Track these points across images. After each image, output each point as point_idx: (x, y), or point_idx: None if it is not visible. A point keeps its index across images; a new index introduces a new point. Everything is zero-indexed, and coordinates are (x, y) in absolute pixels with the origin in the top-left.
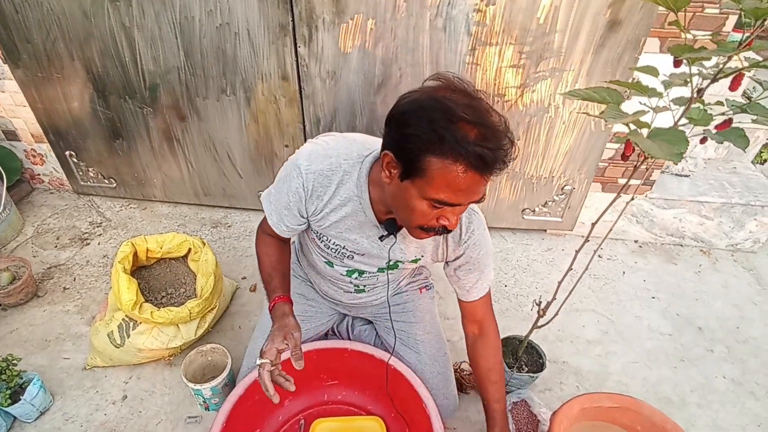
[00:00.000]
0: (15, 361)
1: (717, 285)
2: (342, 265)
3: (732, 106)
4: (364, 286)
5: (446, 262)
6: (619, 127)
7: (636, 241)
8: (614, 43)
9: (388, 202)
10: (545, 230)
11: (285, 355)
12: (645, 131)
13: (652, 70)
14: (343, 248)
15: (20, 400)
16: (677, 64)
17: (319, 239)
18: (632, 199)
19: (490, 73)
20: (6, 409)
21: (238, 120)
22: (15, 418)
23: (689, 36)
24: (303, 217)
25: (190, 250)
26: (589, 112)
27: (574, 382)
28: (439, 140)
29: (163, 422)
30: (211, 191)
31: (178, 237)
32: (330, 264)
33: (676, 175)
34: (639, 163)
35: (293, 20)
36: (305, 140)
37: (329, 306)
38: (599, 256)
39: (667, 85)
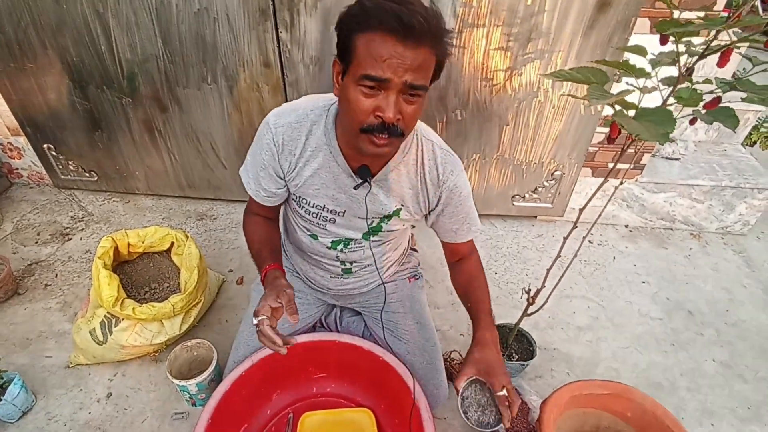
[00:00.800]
0: None
1: (707, 268)
2: (326, 234)
3: (721, 84)
4: (351, 263)
5: (428, 213)
6: (609, 111)
7: (626, 226)
8: (604, 24)
9: (341, 120)
10: (535, 217)
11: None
12: (632, 112)
13: (640, 50)
14: (323, 208)
15: (1, 400)
16: (664, 40)
17: (299, 205)
18: (621, 183)
19: (478, 56)
20: None
21: (221, 109)
22: None
23: (679, 15)
24: (280, 178)
25: (173, 243)
26: (576, 94)
27: (564, 368)
28: (362, 14)
29: (149, 419)
30: (195, 183)
31: (160, 231)
32: (314, 237)
33: (667, 158)
34: (626, 145)
35: (274, 4)
36: None
37: (317, 297)
38: (590, 241)
39: (655, 63)
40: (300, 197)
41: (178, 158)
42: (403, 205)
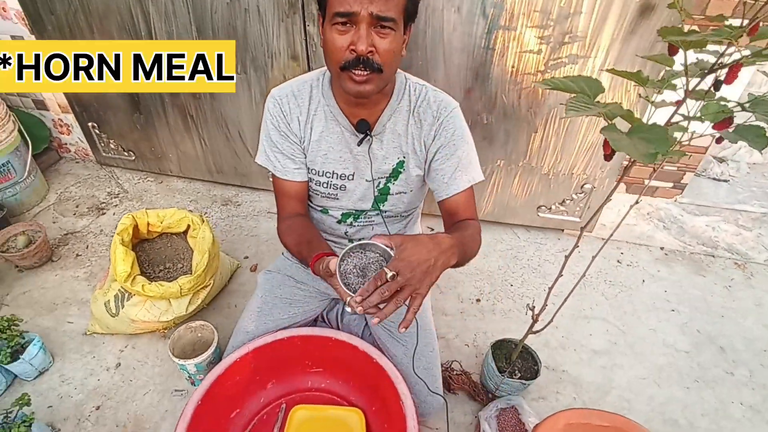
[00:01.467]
0: (17, 322)
1: (749, 302)
2: (336, 206)
3: (724, 105)
4: (360, 240)
5: (427, 157)
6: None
7: (662, 248)
8: (646, 29)
9: (327, 66)
10: (562, 230)
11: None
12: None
13: (665, 60)
14: (332, 175)
15: (19, 359)
16: (673, 51)
17: (311, 178)
18: (636, 201)
19: (508, 58)
20: (6, 366)
21: (249, 99)
22: (15, 375)
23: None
24: (294, 141)
25: (189, 226)
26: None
27: (571, 392)
28: None
29: (151, 393)
30: (223, 169)
31: (178, 213)
32: (325, 211)
33: (714, 179)
34: (629, 164)
35: None
36: None
37: (320, 290)
38: (618, 261)
39: (670, 76)
40: (311, 169)
41: (208, 144)
42: (405, 156)
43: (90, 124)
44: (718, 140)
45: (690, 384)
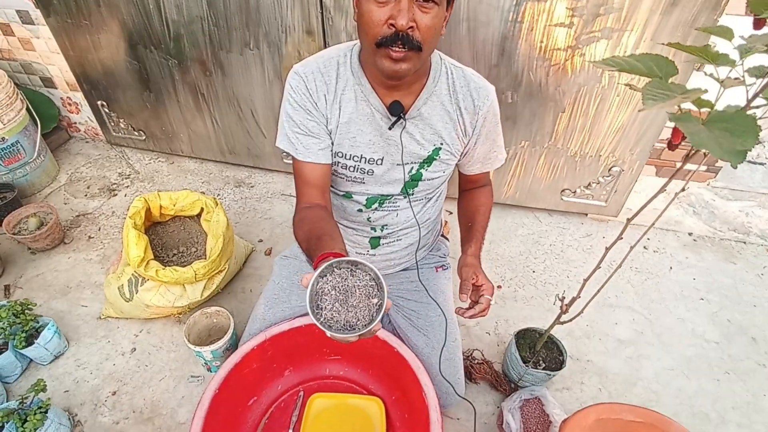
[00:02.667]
0: (31, 306)
1: None
2: (362, 192)
3: None
4: (382, 229)
5: (466, 144)
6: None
7: (690, 234)
8: (689, 0)
9: (361, 42)
10: (586, 214)
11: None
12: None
13: (724, 31)
14: (361, 159)
15: (34, 343)
16: (759, 24)
17: (337, 163)
18: (683, 189)
19: (536, 32)
20: (21, 351)
21: (262, 76)
22: (31, 360)
23: None
24: (322, 120)
25: (203, 209)
26: (637, 86)
27: (596, 383)
28: None
29: (167, 378)
30: (236, 150)
31: (191, 195)
32: (348, 196)
33: (749, 162)
34: (691, 153)
35: None
36: None
37: None
38: (644, 247)
39: (744, 51)
40: (337, 152)
41: (219, 123)
42: (442, 143)
43: (99, 102)
44: None
45: (720, 376)
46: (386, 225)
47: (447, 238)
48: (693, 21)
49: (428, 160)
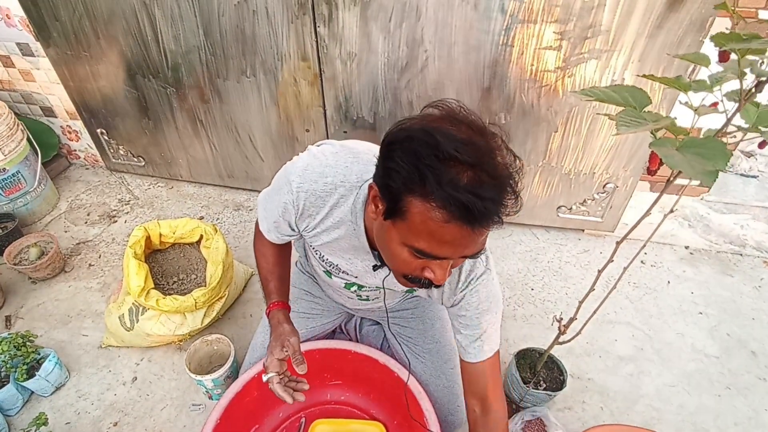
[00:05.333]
0: (32, 338)
1: None
2: (340, 278)
3: None
4: (367, 296)
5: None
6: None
7: (687, 247)
8: (675, 23)
9: (375, 239)
10: (582, 230)
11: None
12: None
13: (701, 59)
14: (337, 266)
15: (35, 375)
16: (724, 57)
17: (314, 251)
18: (671, 210)
19: (526, 55)
20: (22, 383)
21: (259, 103)
22: (32, 392)
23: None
24: (294, 231)
25: (202, 236)
26: (610, 113)
27: (598, 402)
28: (420, 179)
29: (168, 408)
30: (234, 173)
31: (190, 223)
32: (329, 274)
33: (742, 175)
34: (672, 178)
35: None
36: (326, 125)
37: (337, 304)
38: (642, 261)
39: (716, 81)
40: (315, 249)
41: (218, 148)
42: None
43: (99, 130)
44: (761, 144)
45: (721, 391)
46: (370, 295)
47: None
48: (679, 43)
49: (408, 292)
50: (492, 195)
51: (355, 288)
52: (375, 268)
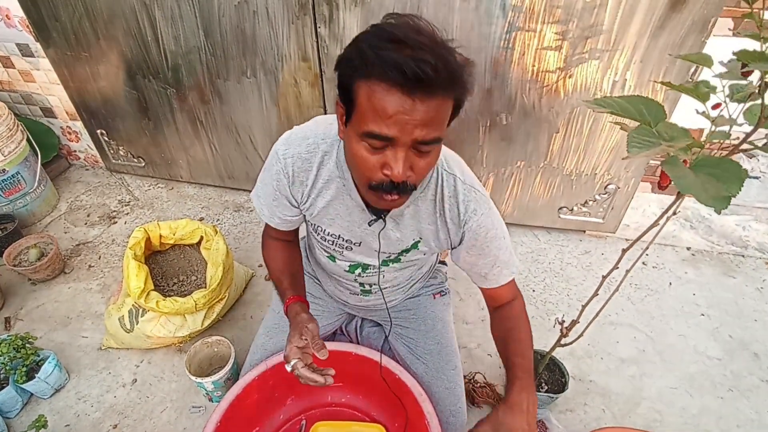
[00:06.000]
0: (32, 339)
1: None
2: (343, 258)
3: None
4: (371, 285)
5: (451, 249)
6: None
7: (688, 249)
8: (677, 23)
9: (347, 161)
10: (584, 231)
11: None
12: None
13: (704, 60)
14: (339, 237)
15: (35, 377)
16: (746, 74)
17: (315, 231)
18: (674, 213)
19: (527, 56)
20: (22, 385)
21: (259, 103)
22: (31, 394)
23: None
24: (294, 206)
25: (202, 237)
26: (626, 124)
27: (600, 404)
28: (361, 59)
29: (168, 410)
30: (235, 174)
31: (191, 224)
32: (332, 258)
33: None
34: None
35: None
36: None
37: (337, 306)
38: (643, 263)
39: (735, 93)
40: (315, 225)
41: (218, 149)
42: (421, 238)
43: (99, 131)
44: None
45: (724, 393)
46: (374, 283)
47: (445, 263)
48: (681, 43)
49: (407, 250)
50: (427, 58)
51: (359, 270)
52: (370, 223)
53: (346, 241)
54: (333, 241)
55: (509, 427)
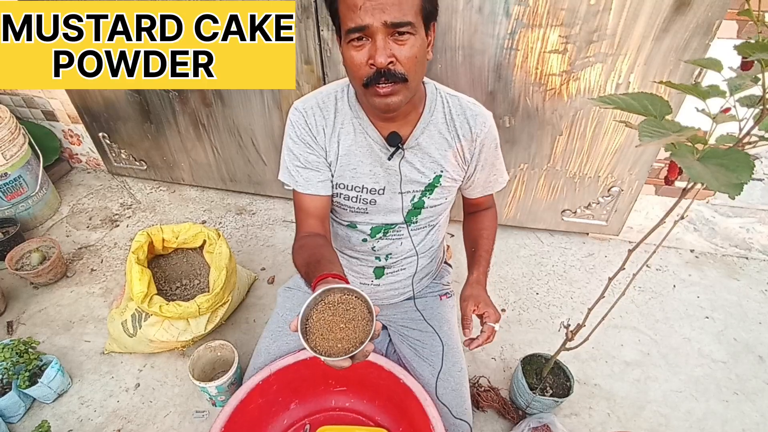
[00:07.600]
0: (34, 344)
1: None
2: (365, 222)
3: None
4: (386, 258)
5: (467, 169)
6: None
7: (692, 251)
8: (681, 26)
9: (351, 85)
10: (587, 233)
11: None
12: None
13: (713, 64)
14: (362, 189)
15: (38, 382)
16: (747, 66)
17: (339, 194)
18: (682, 216)
19: (531, 59)
20: (25, 390)
21: (262, 106)
22: (34, 399)
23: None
24: (321, 156)
25: (205, 241)
26: (630, 122)
27: (605, 408)
28: None
29: (171, 414)
30: (237, 177)
31: (193, 228)
32: (353, 225)
33: None
34: (689, 186)
35: (316, 1)
36: None
37: None
38: (647, 265)
39: (734, 89)
40: (339, 184)
41: (220, 152)
42: (442, 171)
43: (101, 134)
44: None
45: (729, 397)
46: (390, 254)
47: (450, 265)
48: (685, 46)
49: (430, 188)
50: None
51: (380, 235)
52: (390, 158)
53: (370, 191)
54: (357, 197)
55: (476, 294)
